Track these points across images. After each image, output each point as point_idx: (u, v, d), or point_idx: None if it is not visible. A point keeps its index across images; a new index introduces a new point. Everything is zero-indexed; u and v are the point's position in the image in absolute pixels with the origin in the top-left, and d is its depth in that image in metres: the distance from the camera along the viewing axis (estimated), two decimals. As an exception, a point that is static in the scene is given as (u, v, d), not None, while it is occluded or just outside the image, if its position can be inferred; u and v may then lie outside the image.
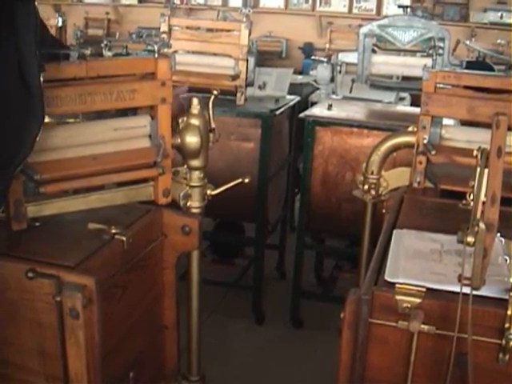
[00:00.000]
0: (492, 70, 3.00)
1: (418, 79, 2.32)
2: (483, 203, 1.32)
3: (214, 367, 2.76)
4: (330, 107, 3.32)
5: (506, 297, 1.32)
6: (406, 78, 3.47)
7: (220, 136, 2.02)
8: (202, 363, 2.12)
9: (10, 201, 1.64)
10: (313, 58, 5.76)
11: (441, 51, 3.07)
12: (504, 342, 1.33)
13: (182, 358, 2.07)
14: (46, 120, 2.06)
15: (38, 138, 1.53)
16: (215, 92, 1.99)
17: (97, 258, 1.59)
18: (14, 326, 1.57)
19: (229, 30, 3.33)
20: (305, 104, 3.97)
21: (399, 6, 3.72)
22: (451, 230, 1.49)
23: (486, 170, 1.33)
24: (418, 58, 3.31)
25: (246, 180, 2.07)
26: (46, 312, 1.52)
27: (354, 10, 7.74)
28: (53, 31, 4.27)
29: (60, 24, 4.41)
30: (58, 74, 1.68)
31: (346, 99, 3.67)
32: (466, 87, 2.08)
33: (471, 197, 1.48)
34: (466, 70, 2.75)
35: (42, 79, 1.48)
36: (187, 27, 3.43)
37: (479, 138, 1.97)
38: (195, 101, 1.92)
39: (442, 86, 2.08)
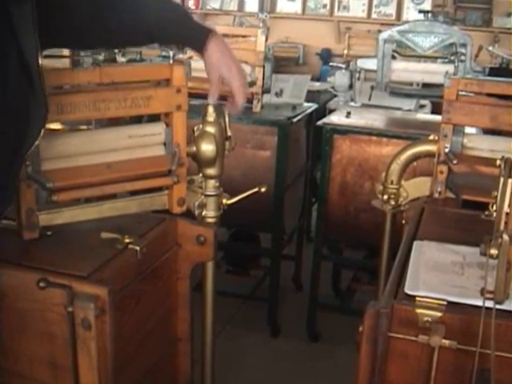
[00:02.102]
0: (516, 77, 2.95)
1: (439, 86, 2.30)
2: (507, 214, 1.28)
3: (228, 380, 2.74)
4: (348, 115, 3.29)
5: (531, 311, 1.28)
6: (426, 85, 3.43)
7: (236, 144, 1.99)
8: (216, 376, 2.09)
9: (22, 209, 1.62)
10: (331, 64, 5.75)
11: (463, 57, 3.04)
12: (529, 358, 1.29)
13: (195, 371, 2.04)
14: (60, 127, 2.06)
15: (43, 129, 1.47)
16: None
17: (110, 268, 1.57)
18: (24, 337, 1.55)
19: (245, 36, 3.32)
20: (322, 111, 3.95)
21: (420, 11, 3.68)
22: (473, 242, 1.47)
23: (510, 180, 1.30)
24: (439, 65, 3.27)
25: (263, 189, 2.05)
26: (57, 322, 1.50)
27: (373, 15, 7.68)
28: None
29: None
30: (71, 81, 1.67)
31: (364, 107, 3.64)
32: (489, 95, 2.05)
33: (494, 207, 1.44)
34: (488, 77, 2.72)
35: (40, 61, 1.41)
36: (203, 33, 3.41)
37: (502, 147, 1.96)
38: (210, 108, 1.89)
39: (464, 93, 2.05)
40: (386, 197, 2.26)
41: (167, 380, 1.96)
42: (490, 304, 1.24)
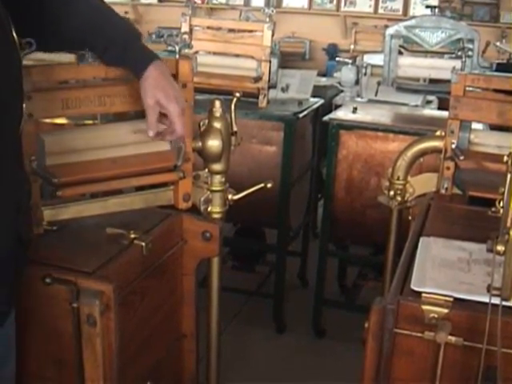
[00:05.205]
0: (523, 72, 2.94)
1: (446, 82, 2.28)
2: (514, 211, 1.27)
3: (234, 377, 2.73)
4: (354, 110, 3.28)
5: (538, 308, 1.27)
6: (433, 81, 3.43)
7: (242, 139, 1.99)
8: (221, 372, 2.08)
9: (27, 204, 1.62)
10: (337, 59, 5.70)
11: (470, 53, 3.02)
12: (535, 355, 1.28)
13: (200, 367, 2.04)
14: (65, 121, 2.05)
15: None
16: (237, 94, 1.96)
17: (115, 264, 1.57)
18: (29, 333, 1.54)
19: (251, 31, 3.30)
20: (329, 107, 3.93)
21: (427, 7, 3.67)
22: (480, 239, 1.46)
23: (517, 176, 1.28)
24: (446, 60, 3.26)
25: (269, 185, 2.03)
26: (62, 319, 1.49)
27: (380, 10, 7.68)
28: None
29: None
30: (77, 75, 1.67)
31: (371, 102, 3.62)
32: (496, 90, 2.03)
33: (501, 204, 1.43)
34: (496, 73, 2.70)
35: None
36: (208, 27, 3.40)
37: (509, 143, 1.93)
38: (217, 103, 1.88)
39: (471, 89, 2.03)
40: (392, 193, 2.25)
41: (172, 376, 1.96)
42: (496, 301, 1.24)
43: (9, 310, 1.39)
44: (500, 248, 1.23)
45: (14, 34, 1.28)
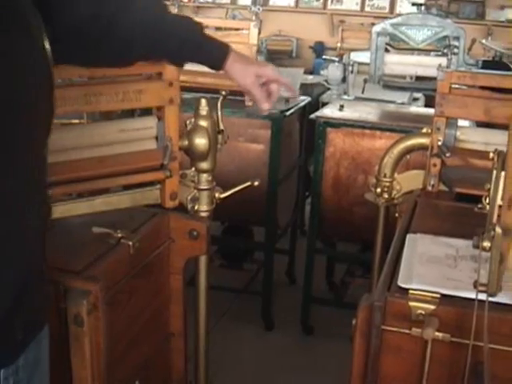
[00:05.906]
0: (509, 69, 2.95)
1: (433, 79, 2.29)
2: (500, 207, 1.28)
3: (222, 375, 2.73)
4: (341, 108, 3.28)
5: (524, 304, 1.28)
6: (419, 78, 3.44)
7: (229, 138, 1.98)
8: (210, 370, 2.08)
9: (13, 204, 1.61)
10: (324, 57, 5.72)
11: (456, 50, 3.04)
12: (522, 351, 1.28)
13: (189, 366, 2.03)
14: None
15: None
16: (224, 93, 1.96)
17: (102, 264, 1.56)
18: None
19: (238, 29, 3.30)
20: (316, 105, 3.93)
21: (413, 4, 3.69)
22: (466, 235, 1.47)
23: (503, 173, 1.29)
24: (433, 58, 3.29)
25: (256, 183, 2.03)
26: (50, 319, 1.47)
27: (367, 8, 7.70)
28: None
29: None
30: (63, 74, 1.65)
31: (357, 100, 3.63)
32: (483, 88, 2.04)
33: (487, 200, 1.43)
34: (482, 70, 2.71)
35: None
36: (195, 25, 3.39)
37: (496, 140, 1.94)
38: (203, 102, 1.88)
39: (457, 86, 2.04)
40: (379, 190, 2.25)
41: (161, 375, 1.95)
42: (483, 297, 1.24)
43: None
44: (486, 244, 1.23)
45: (47, 45, 1.18)
